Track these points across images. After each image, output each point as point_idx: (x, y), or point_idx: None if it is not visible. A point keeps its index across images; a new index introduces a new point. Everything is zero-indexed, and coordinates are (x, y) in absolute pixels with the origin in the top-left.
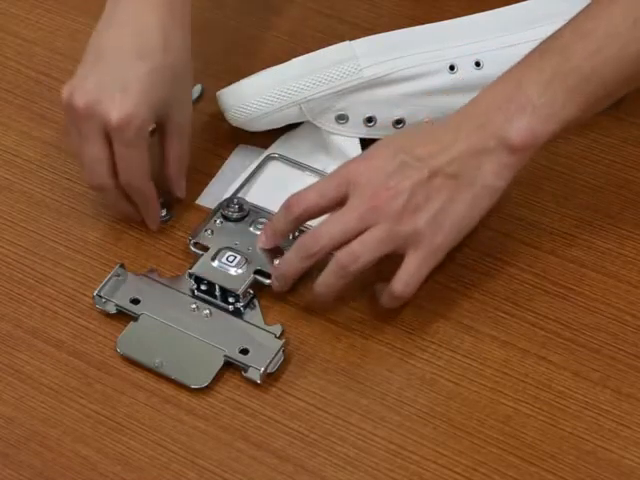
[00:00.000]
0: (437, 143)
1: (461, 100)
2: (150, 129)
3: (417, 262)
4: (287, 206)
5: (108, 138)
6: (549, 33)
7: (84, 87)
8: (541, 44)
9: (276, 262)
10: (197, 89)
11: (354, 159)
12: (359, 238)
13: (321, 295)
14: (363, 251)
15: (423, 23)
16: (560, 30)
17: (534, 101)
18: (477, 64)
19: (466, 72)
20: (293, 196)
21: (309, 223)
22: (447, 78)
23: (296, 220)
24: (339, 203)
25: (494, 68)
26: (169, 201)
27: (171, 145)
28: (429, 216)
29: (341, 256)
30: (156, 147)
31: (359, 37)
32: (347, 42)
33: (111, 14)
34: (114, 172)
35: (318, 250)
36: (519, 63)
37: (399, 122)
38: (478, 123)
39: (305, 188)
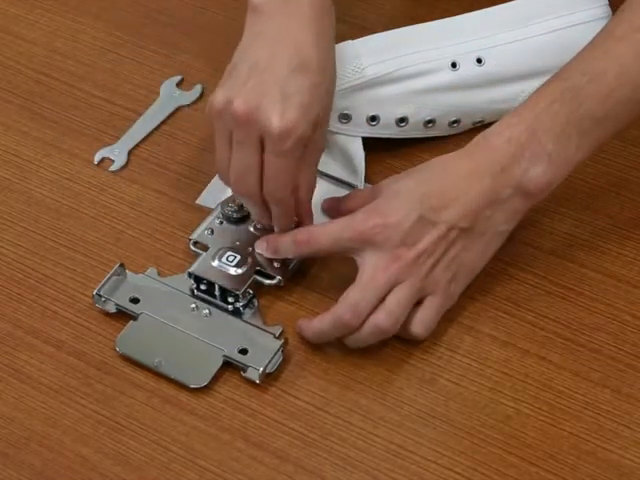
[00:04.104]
0: (450, 192)
1: (463, 97)
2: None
3: (436, 308)
4: (297, 241)
5: (261, 146)
6: (548, 29)
7: (244, 94)
8: (548, 85)
9: (276, 262)
10: (197, 89)
11: (368, 213)
12: (393, 300)
13: (351, 346)
14: (400, 311)
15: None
16: (568, 70)
17: (548, 149)
18: (479, 61)
19: (468, 69)
20: (305, 232)
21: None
22: (449, 75)
23: (302, 255)
24: (349, 254)
25: (495, 65)
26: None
27: (305, 164)
28: (445, 266)
29: (381, 321)
30: None
31: (360, 37)
32: (349, 41)
33: (260, 29)
34: (261, 181)
35: (360, 324)
36: (528, 105)
37: (402, 120)
38: (492, 171)
39: (318, 227)
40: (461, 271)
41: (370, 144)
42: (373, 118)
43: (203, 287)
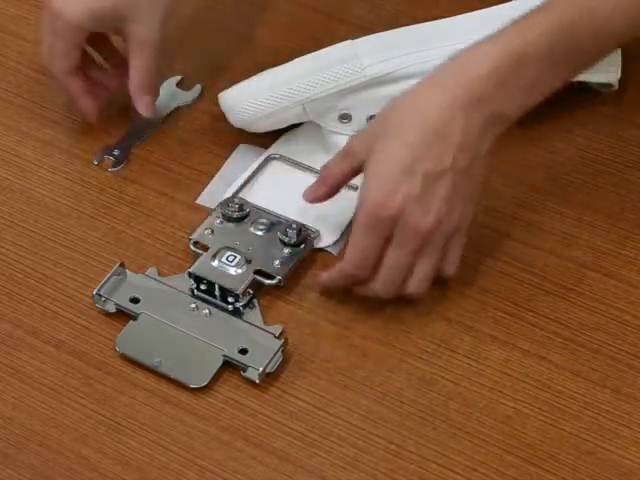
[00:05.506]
0: (440, 136)
1: None
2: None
3: (459, 246)
4: (342, 270)
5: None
6: None
7: None
8: (535, 16)
9: (276, 262)
10: (197, 89)
11: (370, 194)
12: (422, 269)
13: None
14: (428, 279)
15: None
16: (557, 2)
17: (532, 78)
18: None
19: None
20: (323, 274)
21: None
22: None
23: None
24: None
25: None
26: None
27: (131, 60)
28: (460, 211)
29: (414, 290)
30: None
31: (360, 37)
32: (349, 41)
33: None
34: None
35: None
36: (512, 34)
37: None
38: (472, 99)
39: (348, 249)
40: (469, 204)
41: None
42: (373, 118)
43: (203, 287)
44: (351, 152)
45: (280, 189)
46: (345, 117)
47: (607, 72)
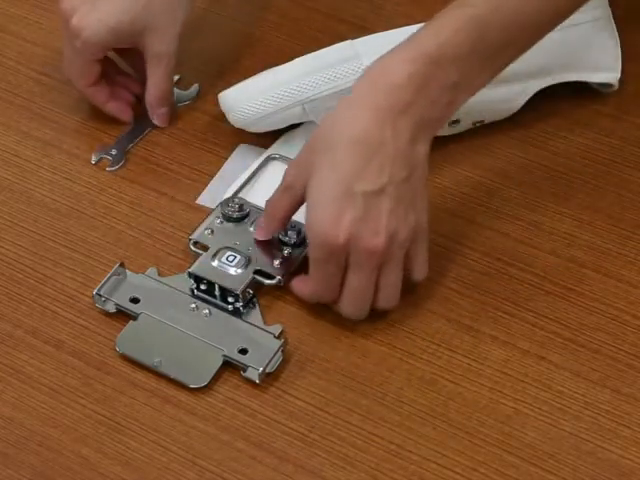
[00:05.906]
0: (372, 152)
1: None
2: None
3: (423, 250)
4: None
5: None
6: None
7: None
8: (451, 13)
9: (276, 262)
10: (194, 88)
11: (315, 227)
12: (388, 283)
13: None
14: (397, 288)
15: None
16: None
17: (454, 79)
18: None
19: None
20: (296, 281)
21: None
22: None
23: None
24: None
25: None
26: None
27: (149, 73)
28: (413, 219)
29: (384, 305)
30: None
31: (360, 37)
32: (349, 41)
33: None
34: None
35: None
36: (428, 35)
37: None
38: (396, 107)
39: (309, 273)
40: (421, 209)
41: None
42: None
43: (203, 287)
44: (289, 185)
45: None
46: None
47: (607, 72)
